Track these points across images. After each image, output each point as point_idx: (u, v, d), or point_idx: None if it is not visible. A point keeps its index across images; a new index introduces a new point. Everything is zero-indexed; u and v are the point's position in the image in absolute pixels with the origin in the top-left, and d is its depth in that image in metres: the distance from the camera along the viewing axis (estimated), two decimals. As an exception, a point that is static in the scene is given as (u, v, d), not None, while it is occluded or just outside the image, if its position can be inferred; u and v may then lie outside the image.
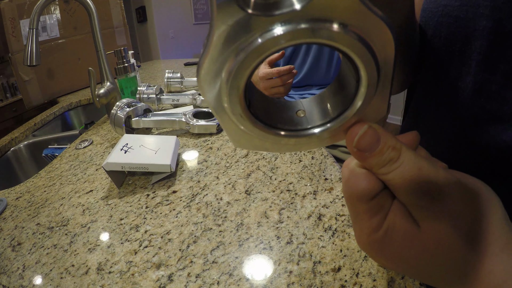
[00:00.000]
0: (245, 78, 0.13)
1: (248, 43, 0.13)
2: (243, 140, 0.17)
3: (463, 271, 0.17)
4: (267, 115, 0.17)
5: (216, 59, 0.13)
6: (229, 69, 0.13)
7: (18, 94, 2.82)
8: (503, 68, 0.26)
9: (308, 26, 0.12)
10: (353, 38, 0.13)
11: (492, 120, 0.28)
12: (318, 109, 0.18)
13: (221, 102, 0.15)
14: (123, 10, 1.34)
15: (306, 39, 0.12)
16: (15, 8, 1.07)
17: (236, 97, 0.14)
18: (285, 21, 0.12)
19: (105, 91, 0.76)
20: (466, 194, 0.17)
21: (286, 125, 0.17)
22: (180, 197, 0.42)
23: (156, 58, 3.97)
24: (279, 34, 0.12)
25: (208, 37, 0.13)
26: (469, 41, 0.27)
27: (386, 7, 0.23)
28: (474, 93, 0.28)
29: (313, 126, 0.17)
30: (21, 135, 0.88)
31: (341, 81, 0.17)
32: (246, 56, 0.13)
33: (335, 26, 0.12)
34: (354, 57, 0.13)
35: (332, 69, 1.04)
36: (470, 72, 0.28)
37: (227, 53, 0.13)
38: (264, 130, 0.16)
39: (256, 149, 0.18)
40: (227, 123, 0.16)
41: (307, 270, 0.29)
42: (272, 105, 0.18)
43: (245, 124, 0.16)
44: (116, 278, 0.31)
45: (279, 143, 0.17)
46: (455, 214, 0.16)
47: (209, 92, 0.15)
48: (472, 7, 0.26)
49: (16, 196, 0.50)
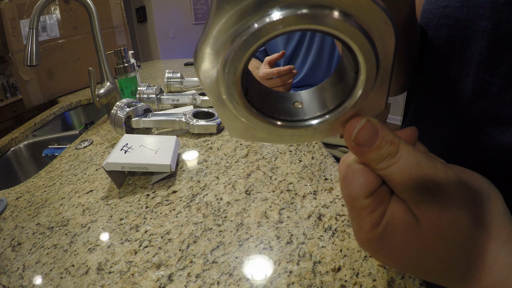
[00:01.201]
0: (242, 63, 0.13)
1: (246, 27, 0.12)
2: (239, 129, 0.17)
3: (463, 266, 0.17)
4: (263, 104, 0.16)
5: (214, 44, 0.13)
6: (227, 53, 0.13)
7: (18, 94, 2.82)
8: (503, 70, 0.26)
9: (307, 11, 0.12)
10: (354, 26, 0.12)
11: (492, 122, 0.28)
12: (316, 100, 0.17)
13: (218, 88, 0.15)
14: (123, 10, 1.34)
15: (305, 25, 0.12)
16: (15, 8, 1.07)
17: (233, 83, 0.14)
18: (284, 6, 0.12)
19: (105, 91, 0.76)
20: (465, 188, 0.17)
21: (283, 116, 0.17)
22: (180, 197, 0.42)
23: (156, 58, 3.97)
24: (278, 18, 0.12)
25: (206, 23, 0.13)
26: (469, 43, 0.27)
27: (389, 1, 0.23)
28: (474, 95, 0.28)
29: (310, 118, 0.17)
30: (21, 135, 0.88)
31: (340, 73, 0.17)
32: (244, 41, 0.12)
33: (335, 13, 0.12)
34: (353, 47, 0.13)
35: (333, 69, 1.04)
36: (470, 74, 0.28)
37: (225, 37, 0.13)
38: (260, 119, 0.16)
39: (251, 139, 0.18)
40: (224, 111, 0.16)
41: (307, 270, 0.29)
42: (270, 95, 0.18)
43: (241, 112, 0.15)
44: (116, 278, 0.31)
45: (274, 134, 0.17)
46: (454, 208, 0.16)
47: (207, 77, 0.14)
48: (472, 8, 0.26)
49: (16, 196, 0.50)
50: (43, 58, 0.80)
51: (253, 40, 0.13)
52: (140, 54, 4.31)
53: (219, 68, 0.14)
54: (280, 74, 0.77)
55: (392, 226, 0.17)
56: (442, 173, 0.16)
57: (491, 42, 0.26)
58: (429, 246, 0.16)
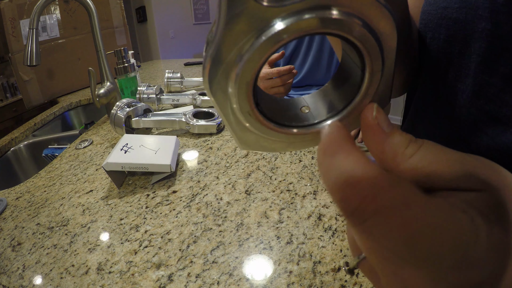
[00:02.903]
0: (254, 73, 0.13)
1: (257, 36, 0.13)
2: (250, 141, 0.17)
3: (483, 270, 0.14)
4: (274, 113, 0.16)
5: (223, 55, 0.13)
6: (238, 64, 0.13)
7: (18, 94, 2.82)
8: (502, 71, 0.26)
9: (310, 16, 0.12)
10: (359, 24, 0.13)
11: (491, 122, 0.28)
12: (323, 103, 0.18)
13: (229, 100, 0.15)
14: (123, 10, 1.34)
15: (309, 31, 0.13)
16: (15, 8, 1.07)
17: (245, 94, 0.14)
18: (287, 15, 0.12)
19: (105, 91, 0.76)
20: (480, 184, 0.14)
21: (293, 122, 0.17)
22: (180, 197, 0.42)
23: (156, 58, 3.97)
24: (282, 28, 0.12)
25: (216, 32, 0.13)
26: (468, 43, 0.28)
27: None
28: (473, 95, 0.28)
29: (322, 120, 0.17)
30: (21, 135, 0.88)
31: (344, 73, 0.17)
32: (255, 50, 0.13)
33: (338, 12, 0.12)
34: (358, 44, 0.13)
35: (332, 69, 1.04)
36: (469, 74, 0.28)
37: (236, 48, 0.13)
38: (273, 128, 0.16)
39: (263, 150, 0.18)
40: (233, 124, 0.16)
41: (307, 270, 0.29)
42: (276, 103, 0.18)
43: (253, 123, 0.15)
44: (116, 278, 0.31)
45: (287, 141, 0.17)
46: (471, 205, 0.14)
47: (216, 91, 0.14)
48: (471, 9, 0.26)
49: (16, 196, 0.50)
50: (43, 58, 0.80)
51: (261, 52, 0.13)
52: (140, 54, 4.31)
53: (231, 80, 0.14)
54: (280, 74, 0.77)
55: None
56: (472, 160, 0.14)
57: (490, 43, 0.26)
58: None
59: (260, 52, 0.13)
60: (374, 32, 0.13)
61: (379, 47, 0.14)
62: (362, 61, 0.14)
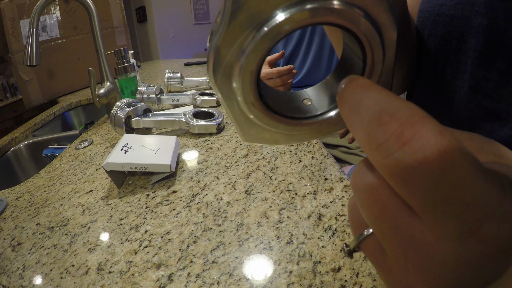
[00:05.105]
0: (258, 62, 0.14)
1: (257, 30, 0.13)
2: (253, 133, 0.17)
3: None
4: (277, 105, 0.17)
5: (228, 45, 0.13)
6: (243, 54, 0.13)
7: (18, 94, 2.82)
8: (499, 66, 0.26)
9: (312, 6, 0.12)
10: (360, 14, 0.13)
11: (489, 117, 0.28)
12: (325, 95, 0.18)
13: (233, 91, 0.15)
14: (123, 10, 1.34)
15: (311, 20, 0.13)
16: (15, 8, 1.07)
17: (249, 84, 0.14)
18: (288, 6, 0.12)
19: (105, 91, 0.76)
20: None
21: (296, 114, 0.17)
22: (180, 197, 0.42)
23: (156, 58, 3.97)
24: (284, 18, 0.12)
25: (220, 22, 0.13)
26: (465, 39, 0.28)
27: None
28: (470, 91, 0.28)
29: (324, 111, 0.17)
30: (21, 135, 0.88)
31: (346, 65, 0.17)
32: (259, 39, 0.13)
33: (340, 3, 0.13)
34: (360, 34, 0.14)
35: (333, 69, 1.04)
36: (466, 70, 0.28)
37: (241, 38, 0.13)
38: (276, 119, 0.16)
39: (265, 142, 0.18)
40: (237, 115, 0.16)
41: (307, 270, 0.29)
42: (278, 96, 0.18)
43: (256, 114, 0.16)
44: (116, 278, 0.31)
45: (289, 133, 0.17)
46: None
47: (221, 82, 0.14)
48: (467, 5, 0.27)
49: (16, 196, 0.50)
50: (43, 58, 0.80)
51: (265, 42, 0.13)
52: (140, 54, 4.31)
53: (234, 70, 0.14)
54: (280, 74, 0.77)
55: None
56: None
57: (487, 38, 0.26)
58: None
59: (264, 41, 0.13)
60: (375, 22, 0.14)
61: (380, 37, 0.14)
62: (363, 52, 0.15)
